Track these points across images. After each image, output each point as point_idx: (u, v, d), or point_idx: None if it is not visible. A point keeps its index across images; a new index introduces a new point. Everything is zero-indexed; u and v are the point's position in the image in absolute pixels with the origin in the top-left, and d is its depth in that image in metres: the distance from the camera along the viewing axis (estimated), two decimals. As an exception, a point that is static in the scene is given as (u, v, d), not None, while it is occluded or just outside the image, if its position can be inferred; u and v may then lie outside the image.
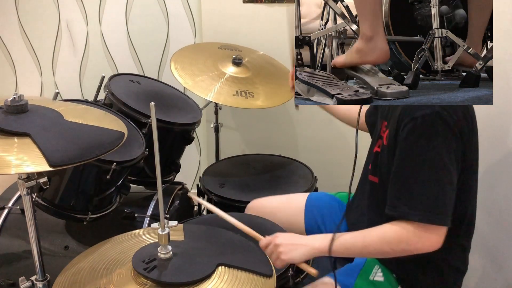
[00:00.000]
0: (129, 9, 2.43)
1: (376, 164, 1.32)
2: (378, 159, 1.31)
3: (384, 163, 1.25)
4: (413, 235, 1.13)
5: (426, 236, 1.12)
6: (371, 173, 1.35)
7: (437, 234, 1.12)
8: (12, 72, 2.64)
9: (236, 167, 2.03)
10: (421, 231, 1.12)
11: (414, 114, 1.12)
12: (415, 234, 1.12)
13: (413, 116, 1.11)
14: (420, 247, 1.14)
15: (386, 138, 1.24)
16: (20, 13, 2.51)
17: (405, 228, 1.13)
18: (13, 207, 1.66)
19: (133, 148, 1.56)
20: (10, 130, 1.10)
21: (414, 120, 1.11)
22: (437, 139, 1.11)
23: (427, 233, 1.12)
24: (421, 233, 1.12)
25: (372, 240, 1.17)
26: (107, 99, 1.75)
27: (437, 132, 1.10)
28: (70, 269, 1.05)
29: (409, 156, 1.13)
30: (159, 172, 0.98)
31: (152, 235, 1.15)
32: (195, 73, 1.92)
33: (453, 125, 1.11)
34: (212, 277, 0.97)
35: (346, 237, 1.20)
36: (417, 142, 1.12)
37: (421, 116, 1.11)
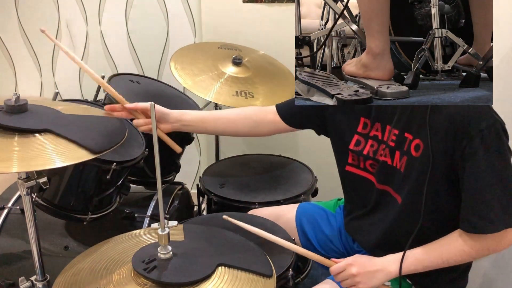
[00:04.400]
0: (129, 9, 2.42)
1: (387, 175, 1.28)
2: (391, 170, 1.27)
3: (414, 175, 1.21)
4: (493, 242, 1.16)
5: (504, 238, 1.15)
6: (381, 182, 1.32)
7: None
8: (12, 72, 2.64)
9: (236, 167, 2.03)
10: (500, 236, 1.15)
11: (480, 125, 1.09)
12: (494, 240, 1.15)
13: (480, 128, 1.09)
14: (500, 248, 1.18)
15: (417, 150, 1.20)
16: (20, 13, 2.51)
17: (488, 238, 1.15)
18: (13, 207, 1.66)
19: (133, 148, 1.56)
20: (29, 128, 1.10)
21: (481, 132, 1.09)
22: (504, 148, 1.12)
23: (506, 235, 1.15)
24: (500, 238, 1.15)
25: (453, 255, 1.18)
26: (107, 99, 1.75)
27: (503, 140, 1.11)
28: (70, 269, 1.05)
29: (482, 170, 1.12)
30: (159, 172, 0.98)
31: (152, 235, 1.16)
32: (195, 73, 1.92)
33: (506, 131, 1.13)
34: (212, 277, 0.97)
35: (420, 255, 1.20)
36: (487, 154, 1.10)
37: (487, 127, 1.09)
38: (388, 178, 1.29)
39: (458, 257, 1.18)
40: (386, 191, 1.31)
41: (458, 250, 1.17)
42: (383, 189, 1.32)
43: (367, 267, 1.21)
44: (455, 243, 1.18)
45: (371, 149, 1.32)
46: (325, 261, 1.25)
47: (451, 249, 1.18)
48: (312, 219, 1.55)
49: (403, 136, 1.23)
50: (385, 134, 1.29)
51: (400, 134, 1.24)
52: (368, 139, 1.33)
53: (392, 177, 1.28)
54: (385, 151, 1.28)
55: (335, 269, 1.23)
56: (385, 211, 1.32)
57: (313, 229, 1.53)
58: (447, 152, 1.14)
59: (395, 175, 1.27)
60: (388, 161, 1.28)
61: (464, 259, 1.19)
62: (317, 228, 1.53)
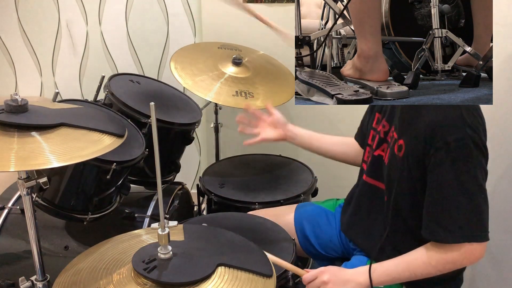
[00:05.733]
0: (129, 9, 2.43)
1: (378, 168, 1.31)
2: (381, 164, 1.30)
3: (395, 174, 1.23)
4: (458, 254, 1.15)
5: (469, 252, 1.15)
6: (370, 175, 1.35)
7: (479, 247, 1.14)
8: (12, 72, 2.64)
9: (236, 167, 2.03)
10: (464, 250, 1.14)
11: (446, 138, 1.10)
12: (459, 253, 1.15)
13: (446, 141, 1.10)
14: (466, 263, 1.17)
15: (399, 150, 1.22)
16: (20, 13, 2.51)
17: (448, 250, 1.15)
18: (13, 207, 1.66)
19: (133, 148, 1.56)
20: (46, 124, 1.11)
21: (447, 145, 1.10)
22: (472, 162, 1.11)
23: (470, 249, 1.14)
24: (465, 251, 1.14)
25: (418, 266, 1.18)
26: (107, 99, 1.75)
27: (471, 155, 1.10)
28: (70, 269, 1.05)
29: (446, 181, 1.12)
30: (159, 172, 0.98)
31: (152, 235, 1.15)
32: (195, 73, 1.92)
33: (482, 145, 1.12)
34: (212, 277, 0.97)
35: (388, 267, 1.21)
36: (453, 166, 1.11)
37: (454, 140, 1.09)
38: (378, 171, 1.31)
39: (423, 269, 1.18)
40: (374, 185, 1.33)
41: (423, 262, 1.18)
42: (371, 183, 1.34)
43: (338, 275, 1.22)
44: (420, 255, 1.19)
45: (373, 142, 1.36)
46: (298, 270, 1.26)
47: (417, 261, 1.19)
48: (311, 219, 1.55)
49: (394, 135, 1.26)
50: (387, 130, 1.31)
51: (394, 132, 1.26)
52: (371, 131, 1.37)
53: (381, 172, 1.30)
54: (383, 145, 1.31)
55: (307, 277, 1.23)
56: (375, 208, 1.34)
57: (312, 229, 1.53)
58: (420, 158, 1.16)
59: (383, 170, 1.29)
60: (383, 156, 1.31)
61: (430, 272, 1.18)
62: (317, 227, 1.53)
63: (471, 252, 1.14)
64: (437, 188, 1.14)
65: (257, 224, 1.51)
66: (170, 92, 2.02)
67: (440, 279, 1.24)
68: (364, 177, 1.37)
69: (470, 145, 1.10)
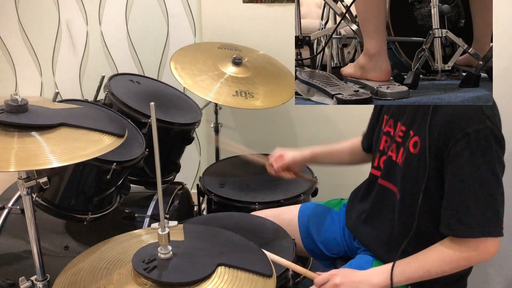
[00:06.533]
0: (129, 9, 2.42)
1: (390, 170, 1.30)
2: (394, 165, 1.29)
3: (410, 172, 1.22)
4: (472, 250, 1.14)
5: (484, 248, 1.14)
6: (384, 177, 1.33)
7: (494, 243, 1.14)
8: (12, 72, 2.64)
9: (236, 167, 2.03)
10: (479, 245, 1.14)
11: (466, 129, 1.09)
12: (474, 249, 1.14)
13: (466, 132, 1.09)
14: (480, 259, 1.16)
15: (415, 146, 1.21)
16: (20, 13, 2.51)
17: (463, 245, 1.14)
18: (13, 207, 1.66)
19: (133, 148, 1.56)
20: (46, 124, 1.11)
21: (467, 136, 1.09)
22: (491, 154, 1.10)
23: (485, 245, 1.14)
24: (479, 247, 1.14)
25: (433, 265, 1.17)
26: (107, 99, 1.75)
27: (491, 147, 1.10)
28: (70, 269, 1.05)
29: (465, 173, 1.11)
30: (159, 172, 0.98)
31: (152, 235, 1.15)
32: (195, 73, 1.92)
33: (501, 137, 1.11)
34: (212, 277, 0.97)
35: (403, 267, 1.20)
36: (471, 158, 1.10)
37: (474, 131, 1.08)
38: (391, 173, 1.30)
39: (438, 267, 1.17)
40: (387, 187, 1.32)
41: (437, 259, 1.17)
42: (384, 185, 1.33)
43: (350, 277, 1.21)
44: (435, 252, 1.18)
45: (386, 145, 1.34)
46: (311, 274, 1.25)
47: (431, 258, 1.18)
48: (316, 219, 1.55)
49: (408, 133, 1.24)
50: (396, 130, 1.30)
51: (407, 131, 1.25)
52: (383, 135, 1.36)
53: (394, 173, 1.29)
54: (392, 146, 1.30)
55: (319, 280, 1.23)
56: (385, 208, 1.33)
57: (317, 229, 1.53)
58: (438, 152, 1.15)
59: (396, 171, 1.28)
60: (393, 156, 1.29)
61: (444, 270, 1.17)
62: (321, 227, 1.53)
63: (485, 247, 1.14)
64: (455, 180, 1.13)
65: (257, 224, 1.51)
66: (170, 92, 2.02)
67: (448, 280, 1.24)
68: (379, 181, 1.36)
69: (490, 137, 1.09)
